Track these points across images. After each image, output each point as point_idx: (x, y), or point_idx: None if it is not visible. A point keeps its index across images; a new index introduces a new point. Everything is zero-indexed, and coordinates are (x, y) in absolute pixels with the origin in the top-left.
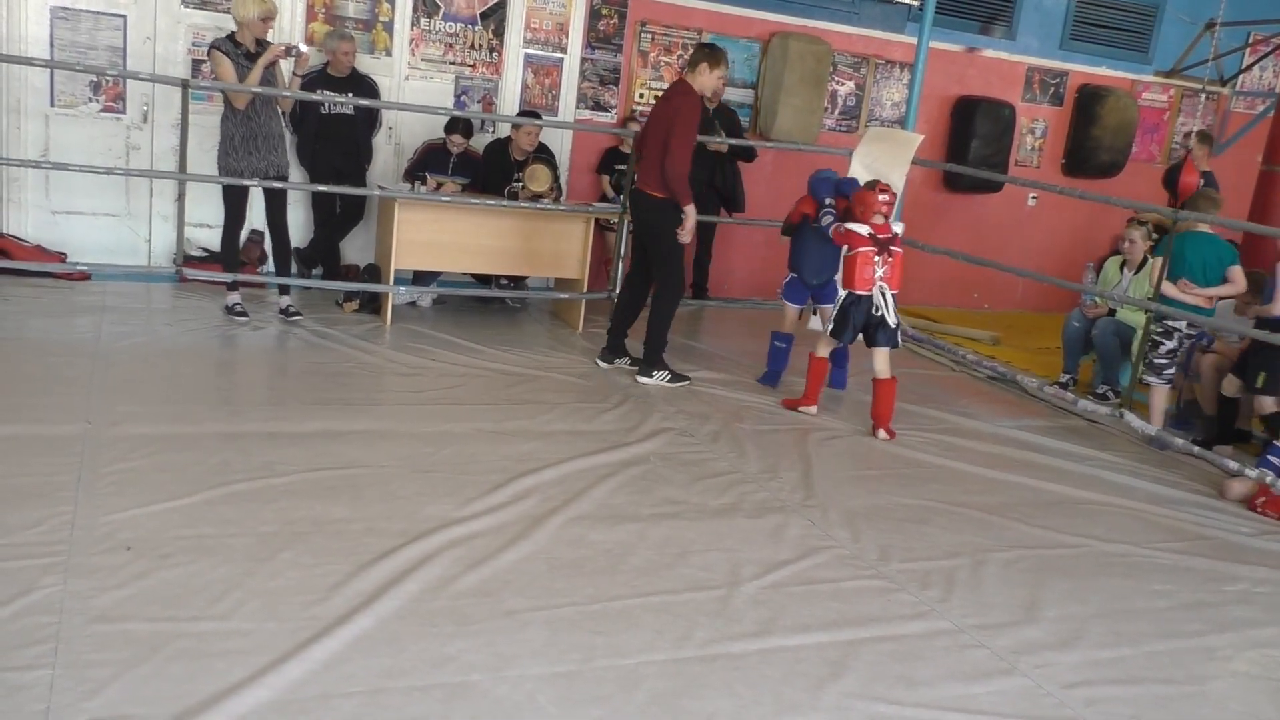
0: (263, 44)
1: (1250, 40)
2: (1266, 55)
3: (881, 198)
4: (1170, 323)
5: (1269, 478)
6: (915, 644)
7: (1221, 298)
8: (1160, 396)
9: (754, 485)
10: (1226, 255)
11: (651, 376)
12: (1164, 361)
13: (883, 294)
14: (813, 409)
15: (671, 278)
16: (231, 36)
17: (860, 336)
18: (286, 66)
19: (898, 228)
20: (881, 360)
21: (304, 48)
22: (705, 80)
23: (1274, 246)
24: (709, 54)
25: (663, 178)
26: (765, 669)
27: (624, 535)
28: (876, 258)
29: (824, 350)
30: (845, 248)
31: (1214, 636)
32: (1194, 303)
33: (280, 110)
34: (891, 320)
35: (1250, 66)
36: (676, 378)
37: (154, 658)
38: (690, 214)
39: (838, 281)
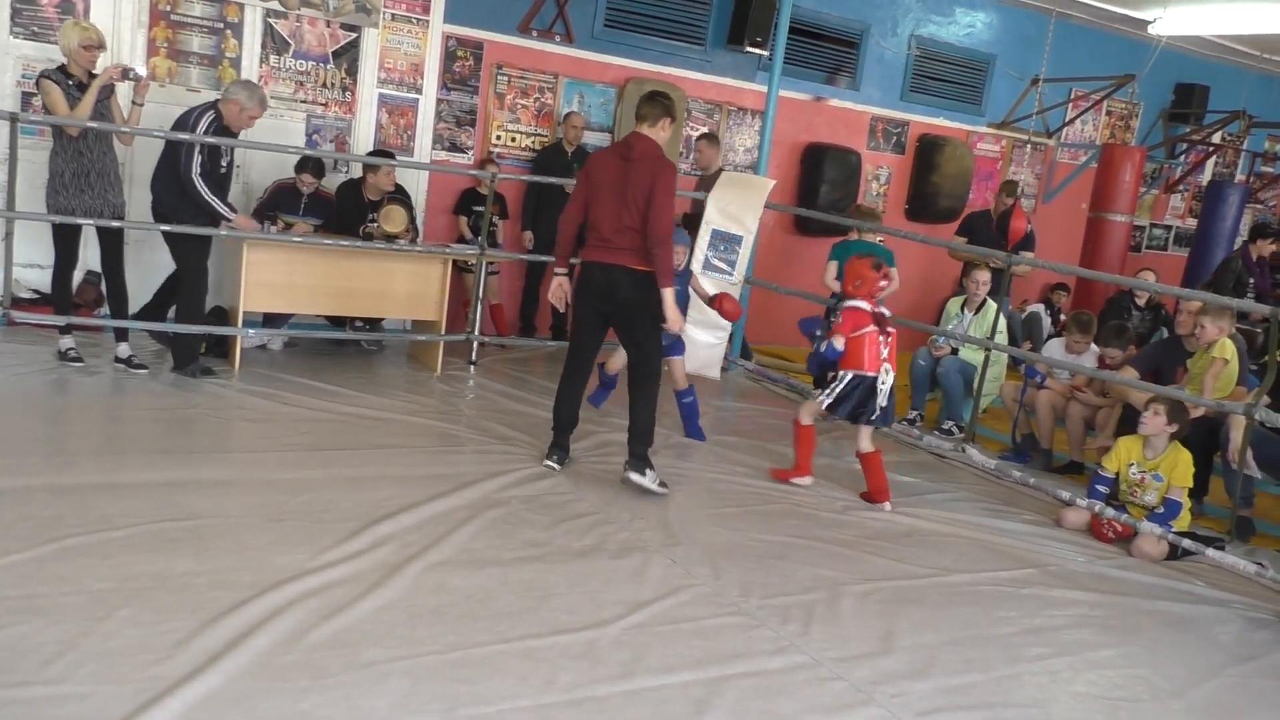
0: (94, 76)
1: (1071, 96)
2: (1086, 110)
3: (881, 283)
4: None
5: (1097, 506)
6: (777, 679)
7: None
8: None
9: (616, 525)
10: (881, 255)
11: (645, 475)
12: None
13: (886, 373)
14: (808, 479)
15: (654, 359)
16: (63, 68)
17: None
18: (125, 97)
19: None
20: (867, 436)
21: (141, 70)
22: (667, 135)
23: (1096, 288)
24: (667, 107)
25: (646, 250)
26: (631, 711)
27: (485, 580)
28: (880, 337)
29: (808, 418)
30: (836, 326)
31: (1055, 659)
32: None
33: (121, 145)
34: (884, 400)
35: (1073, 120)
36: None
37: None
38: (669, 295)
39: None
